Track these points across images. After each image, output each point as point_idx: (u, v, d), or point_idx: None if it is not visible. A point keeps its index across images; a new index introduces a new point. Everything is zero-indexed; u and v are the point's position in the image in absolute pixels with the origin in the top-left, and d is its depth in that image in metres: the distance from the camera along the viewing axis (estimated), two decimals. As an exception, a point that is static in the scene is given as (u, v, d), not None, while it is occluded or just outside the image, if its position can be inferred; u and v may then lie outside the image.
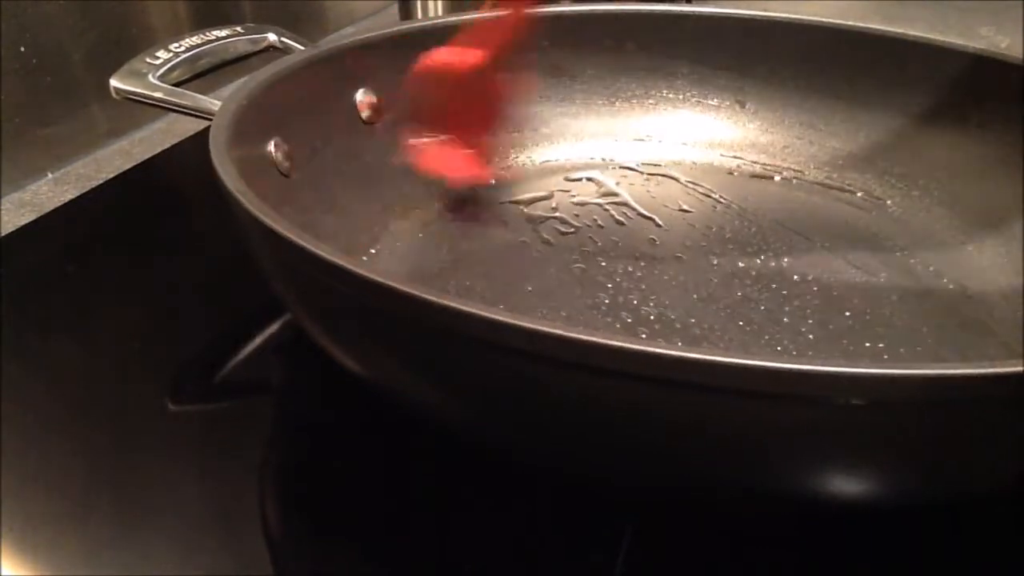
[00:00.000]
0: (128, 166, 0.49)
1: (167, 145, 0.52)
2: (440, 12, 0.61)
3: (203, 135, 0.29)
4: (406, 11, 0.62)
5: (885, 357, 0.32)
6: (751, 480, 0.23)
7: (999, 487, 0.25)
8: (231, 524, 0.27)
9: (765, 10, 0.45)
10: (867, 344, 0.33)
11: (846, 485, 0.22)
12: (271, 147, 0.34)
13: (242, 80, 0.34)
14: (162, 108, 0.34)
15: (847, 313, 0.34)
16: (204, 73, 0.37)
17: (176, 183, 0.50)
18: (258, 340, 0.35)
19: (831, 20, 0.44)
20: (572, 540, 0.27)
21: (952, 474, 0.23)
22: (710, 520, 0.27)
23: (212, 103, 0.33)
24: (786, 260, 0.38)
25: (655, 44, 0.45)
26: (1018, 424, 0.20)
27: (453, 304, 0.20)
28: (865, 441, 0.20)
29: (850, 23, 0.44)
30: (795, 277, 0.37)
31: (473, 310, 0.20)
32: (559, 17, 0.44)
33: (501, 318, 0.20)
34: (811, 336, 0.33)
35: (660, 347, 0.19)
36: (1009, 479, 0.23)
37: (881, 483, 0.22)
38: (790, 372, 0.19)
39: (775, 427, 0.20)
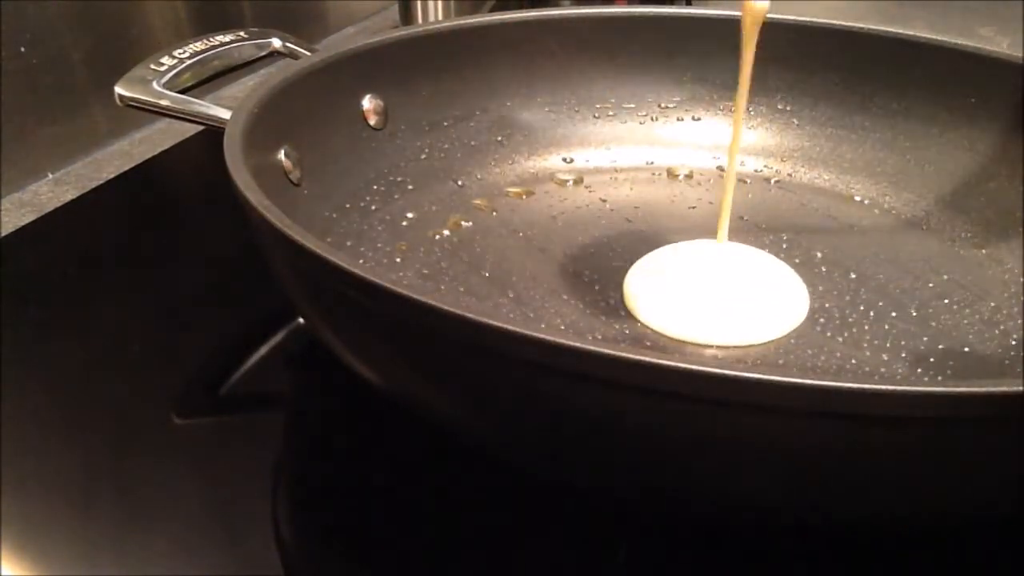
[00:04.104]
0: (128, 166, 0.49)
1: (167, 145, 0.52)
2: (440, 13, 0.61)
3: (203, 136, 0.29)
4: (406, 12, 0.62)
5: (896, 367, 0.32)
6: (766, 494, 0.23)
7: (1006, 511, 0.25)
8: (238, 534, 0.27)
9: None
10: (875, 348, 0.33)
11: (855, 503, 0.22)
12: (281, 155, 0.34)
13: (248, 86, 0.34)
14: (170, 116, 0.34)
15: (852, 317, 0.34)
16: (209, 79, 0.37)
17: (177, 184, 0.50)
18: (264, 350, 0.35)
19: (831, 21, 0.44)
20: (581, 549, 0.27)
21: (955, 494, 0.23)
22: (709, 530, 0.27)
23: (221, 111, 0.33)
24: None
25: (659, 47, 0.45)
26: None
27: (467, 315, 0.21)
28: (869, 457, 0.21)
29: (850, 23, 0.44)
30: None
31: (487, 321, 0.20)
32: (565, 20, 0.44)
33: (516, 329, 0.20)
34: (821, 344, 0.33)
35: (672, 361, 0.19)
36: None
37: (885, 502, 0.22)
38: (821, 389, 0.19)
39: (806, 442, 0.21)
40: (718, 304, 0.34)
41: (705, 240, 0.38)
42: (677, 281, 0.36)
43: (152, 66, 0.36)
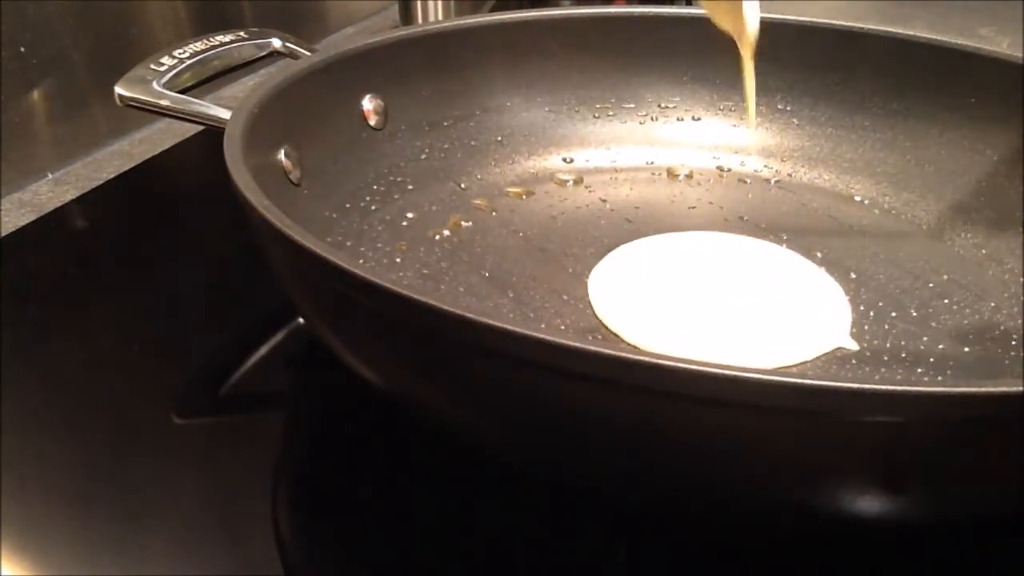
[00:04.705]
0: (128, 166, 0.49)
1: (167, 145, 0.52)
2: (440, 13, 0.61)
3: (204, 135, 0.29)
4: (406, 12, 0.62)
5: (896, 367, 0.32)
6: (767, 495, 0.23)
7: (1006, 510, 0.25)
8: (238, 534, 0.27)
9: (765, 11, 0.45)
10: (875, 348, 0.33)
11: (855, 504, 0.22)
12: (281, 155, 0.34)
13: (248, 86, 0.34)
14: (170, 116, 0.34)
15: (852, 317, 0.34)
16: (209, 79, 0.37)
17: (177, 183, 0.50)
18: (264, 350, 0.35)
19: (830, 21, 0.44)
20: (581, 549, 0.27)
21: (955, 494, 0.23)
22: (709, 530, 0.27)
23: (221, 111, 0.33)
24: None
25: (659, 47, 0.45)
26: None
27: (467, 315, 0.21)
28: (870, 457, 0.21)
29: (850, 24, 0.44)
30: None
31: (487, 321, 0.20)
32: (565, 20, 0.44)
33: (516, 329, 0.20)
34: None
35: (672, 361, 0.19)
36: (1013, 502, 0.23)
37: (884, 502, 0.22)
38: (818, 388, 0.19)
39: (805, 443, 0.21)
40: (723, 320, 0.34)
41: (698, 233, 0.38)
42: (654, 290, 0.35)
43: (152, 66, 0.36)
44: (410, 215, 0.39)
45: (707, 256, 0.38)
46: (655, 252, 0.38)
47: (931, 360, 0.32)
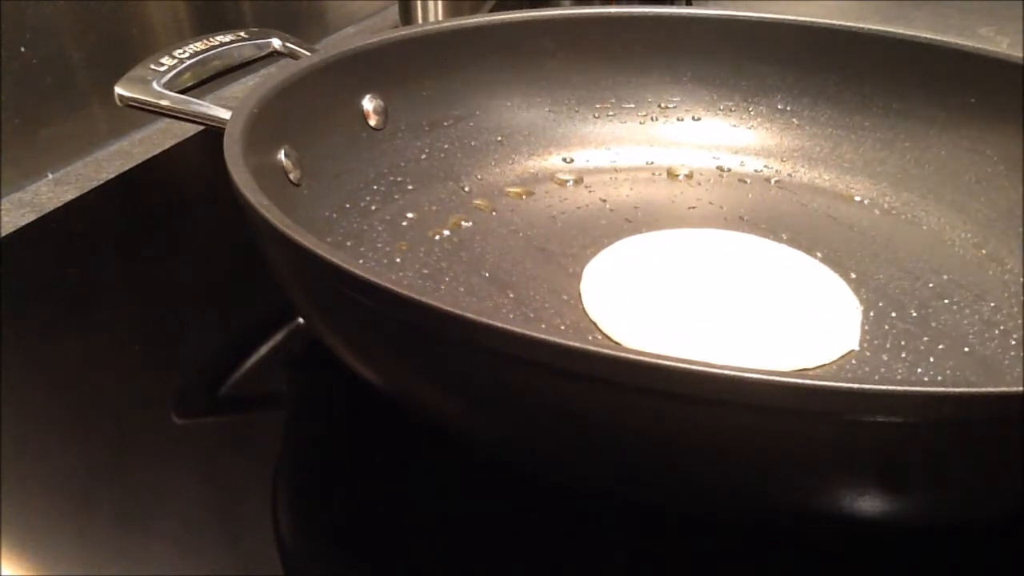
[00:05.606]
0: (128, 166, 0.49)
1: (167, 145, 0.52)
2: (440, 13, 0.61)
3: (203, 136, 0.29)
4: (406, 12, 0.62)
5: (896, 367, 0.32)
6: (776, 496, 0.23)
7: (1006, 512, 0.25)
8: (238, 534, 0.27)
9: (766, 11, 0.45)
10: (875, 348, 0.33)
11: (854, 504, 0.22)
12: (281, 155, 0.34)
13: (248, 86, 0.34)
14: (170, 116, 0.34)
15: (853, 318, 0.34)
16: (209, 79, 0.37)
17: (176, 184, 0.50)
18: (264, 350, 0.35)
19: (831, 21, 0.44)
20: (581, 549, 0.27)
21: (954, 494, 0.23)
22: (709, 530, 0.27)
23: (221, 111, 0.33)
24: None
25: (659, 47, 0.45)
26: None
27: (467, 315, 0.21)
28: (870, 457, 0.21)
29: (850, 24, 0.44)
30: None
31: (487, 321, 0.20)
32: (564, 20, 0.44)
33: (516, 329, 0.20)
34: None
35: (671, 362, 0.19)
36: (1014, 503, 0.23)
37: (884, 502, 0.22)
38: (814, 388, 0.19)
39: (805, 443, 0.21)
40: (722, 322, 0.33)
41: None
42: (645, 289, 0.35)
43: (152, 66, 0.35)
44: (410, 215, 0.39)
45: (708, 254, 0.38)
46: (651, 249, 0.38)
47: (931, 360, 0.32)
